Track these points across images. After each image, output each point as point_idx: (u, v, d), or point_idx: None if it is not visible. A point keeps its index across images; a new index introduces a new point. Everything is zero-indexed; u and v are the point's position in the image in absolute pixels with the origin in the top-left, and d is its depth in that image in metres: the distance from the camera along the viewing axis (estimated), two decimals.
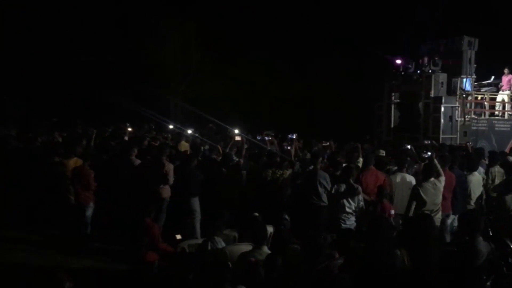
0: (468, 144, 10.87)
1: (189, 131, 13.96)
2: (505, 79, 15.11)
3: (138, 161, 8.85)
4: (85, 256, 7.50)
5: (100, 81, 22.31)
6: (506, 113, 14.57)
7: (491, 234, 6.28)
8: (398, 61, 14.31)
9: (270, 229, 6.66)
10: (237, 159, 9.29)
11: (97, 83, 22.02)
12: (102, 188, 8.28)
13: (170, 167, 8.31)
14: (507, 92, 14.93)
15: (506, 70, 15.15)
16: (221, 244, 5.78)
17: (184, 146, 11.59)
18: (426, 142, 11.72)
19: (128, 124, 13.19)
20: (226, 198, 8.21)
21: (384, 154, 10.49)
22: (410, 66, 14.22)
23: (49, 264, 7.15)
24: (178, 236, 6.57)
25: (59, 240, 7.97)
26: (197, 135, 13.91)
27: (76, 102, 22.64)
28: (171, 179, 8.25)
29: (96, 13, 23.91)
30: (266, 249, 5.32)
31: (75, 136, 11.02)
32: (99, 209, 8.26)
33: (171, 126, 16.12)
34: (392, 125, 15.08)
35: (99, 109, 21.98)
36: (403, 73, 14.26)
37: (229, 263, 4.88)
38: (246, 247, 5.60)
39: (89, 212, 8.06)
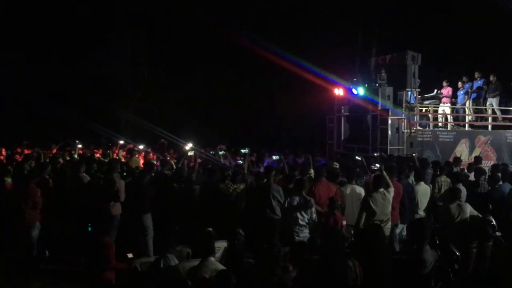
0: (414, 155, 11.25)
1: (141, 146, 13.76)
2: (444, 91, 15.81)
3: (87, 178, 8.63)
4: (37, 279, 7.17)
5: (48, 96, 21.58)
6: (449, 124, 15.21)
7: (438, 242, 6.48)
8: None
9: (224, 244, 6.63)
10: (189, 174, 9.22)
11: (44, 98, 21.28)
12: (51, 207, 7.99)
13: (121, 184, 8.13)
14: (448, 104, 15.62)
15: (445, 83, 15.86)
16: (174, 261, 5.68)
17: (136, 162, 11.39)
18: (375, 154, 12.03)
19: (77, 141, 12.83)
20: (179, 214, 8.11)
21: (337, 166, 10.70)
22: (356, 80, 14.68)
23: None
24: (130, 255, 6.44)
25: (6, 263, 7.54)
26: (149, 150, 13.73)
27: (22, 117, 21.78)
28: (122, 196, 8.06)
29: (43, 25, 23.19)
30: (212, 260, 5.20)
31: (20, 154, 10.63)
32: (48, 228, 7.95)
33: (122, 142, 15.78)
34: (342, 137, 15.41)
35: (47, 124, 21.23)
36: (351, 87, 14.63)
37: (189, 281, 4.81)
38: None
39: (35, 232, 7.74)
